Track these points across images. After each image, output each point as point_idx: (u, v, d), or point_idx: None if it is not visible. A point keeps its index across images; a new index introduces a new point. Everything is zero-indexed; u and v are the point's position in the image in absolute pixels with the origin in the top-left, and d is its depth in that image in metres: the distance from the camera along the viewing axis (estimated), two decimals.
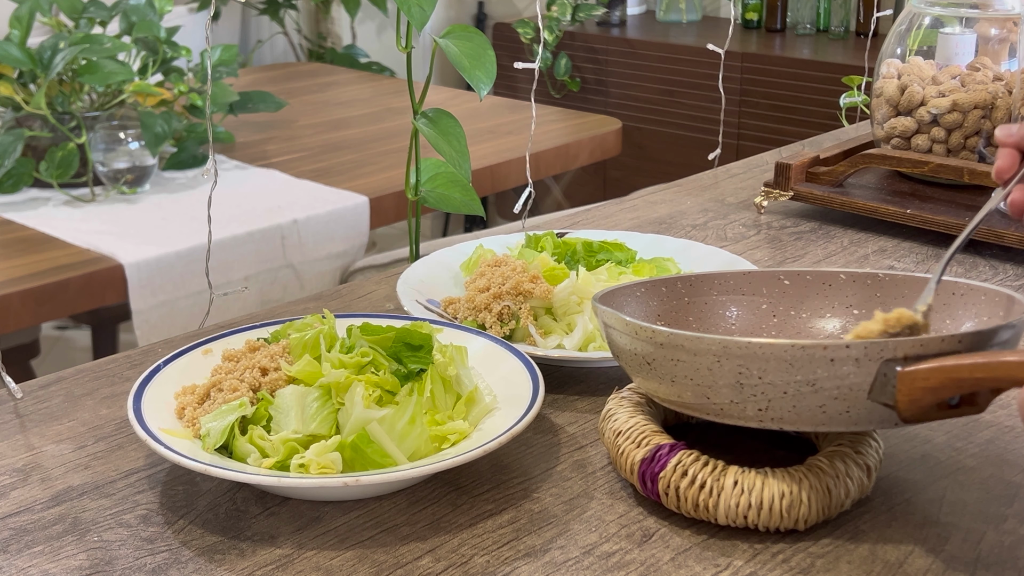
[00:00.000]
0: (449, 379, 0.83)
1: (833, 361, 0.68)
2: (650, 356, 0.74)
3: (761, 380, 0.70)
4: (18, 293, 1.68)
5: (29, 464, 0.83)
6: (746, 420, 0.73)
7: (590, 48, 3.71)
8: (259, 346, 0.87)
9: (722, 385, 0.71)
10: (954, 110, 1.29)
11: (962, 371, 0.66)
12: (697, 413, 0.75)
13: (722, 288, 0.90)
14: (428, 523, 0.75)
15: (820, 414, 0.71)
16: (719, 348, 0.70)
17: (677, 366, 0.73)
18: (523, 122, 2.56)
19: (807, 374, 0.69)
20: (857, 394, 0.69)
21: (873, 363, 0.68)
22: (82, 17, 2.17)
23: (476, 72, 1.08)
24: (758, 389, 0.70)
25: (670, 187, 1.47)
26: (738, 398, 0.71)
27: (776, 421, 0.72)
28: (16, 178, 2.02)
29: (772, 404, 0.71)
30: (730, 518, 0.73)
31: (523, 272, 0.99)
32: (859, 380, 0.69)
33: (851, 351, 0.68)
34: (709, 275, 0.91)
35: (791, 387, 0.70)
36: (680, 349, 0.72)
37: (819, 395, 0.70)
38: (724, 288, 0.90)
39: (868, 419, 0.71)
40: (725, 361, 0.70)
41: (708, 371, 0.71)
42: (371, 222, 2.07)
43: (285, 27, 3.92)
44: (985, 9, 1.33)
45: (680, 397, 0.75)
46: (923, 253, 1.23)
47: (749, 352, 0.69)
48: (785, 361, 0.69)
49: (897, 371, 0.67)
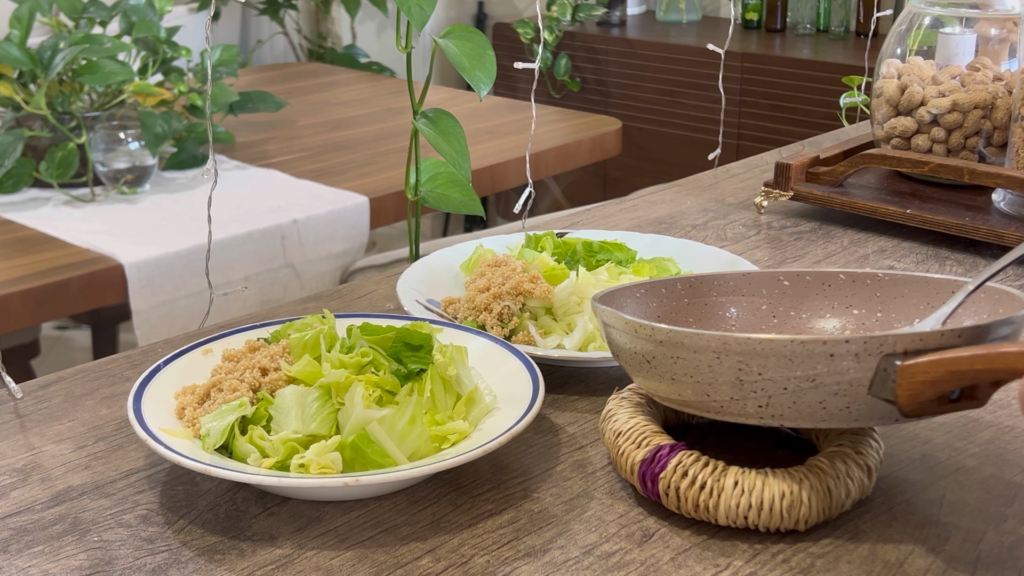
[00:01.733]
0: (449, 379, 0.83)
1: (833, 356, 0.68)
2: (650, 354, 0.74)
3: (761, 376, 0.70)
4: (18, 293, 1.68)
5: (29, 464, 0.83)
6: (746, 417, 0.73)
7: (590, 48, 3.71)
8: (259, 346, 0.87)
9: (722, 382, 0.71)
10: (954, 110, 1.29)
11: (962, 363, 0.66)
12: (697, 411, 0.75)
13: (722, 289, 0.90)
14: (428, 523, 0.75)
15: (820, 410, 0.71)
16: (719, 344, 0.70)
17: (677, 364, 0.73)
18: (523, 122, 2.56)
19: (807, 370, 0.69)
20: (857, 389, 0.69)
21: (873, 358, 0.68)
22: (82, 17, 2.17)
23: (476, 72, 1.08)
24: (758, 385, 0.70)
25: (670, 187, 1.47)
26: (738, 395, 0.71)
27: (776, 418, 0.72)
28: (16, 178, 2.02)
29: (772, 400, 0.71)
30: (730, 518, 0.73)
31: (523, 272, 0.99)
32: (859, 375, 0.69)
33: (850, 346, 0.68)
34: (709, 276, 0.91)
35: (791, 383, 0.70)
36: (680, 347, 0.72)
37: (819, 391, 0.70)
38: (724, 289, 0.90)
39: (868, 415, 0.71)
40: (725, 358, 0.70)
41: (708, 368, 0.71)
42: (371, 222, 2.07)
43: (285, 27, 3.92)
44: (985, 9, 1.33)
45: (680, 395, 0.75)
46: (923, 253, 1.23)
47: (749, 348, 0.69)
48: (785, 357, 0.69)
49: (897, 365, 0.67)
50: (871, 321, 0.87)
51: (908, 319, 0.85)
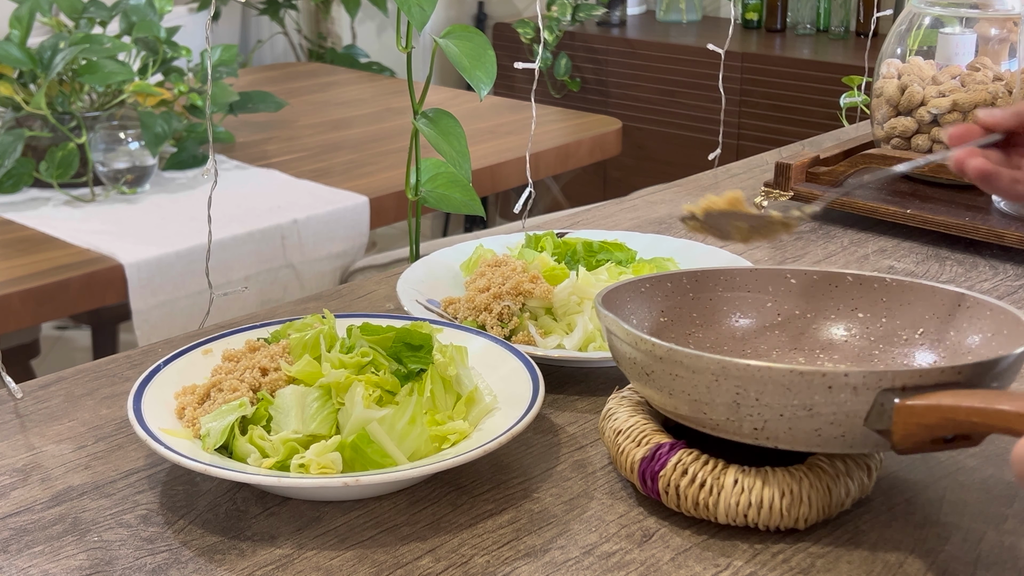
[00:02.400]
0: (449, 379, 0.83)
1: (831, 388, 0.68)
2: (649, 368, 0.74)
3: (758, 402, 0.70)
4: (18, 293, 1.68)
5: (29, 464, 0.83)
6: (741, 437, 0.73)
7: (590, 48, 3.71)
8: (259, 346, 0.87)
9: (719, 403, 0.71)
10: (954, 110, 1.29)
11: (959, 413, 0.65)
12: (693, 425, 0.75)
13: (727, 284, 0.90)
14: (428, 523, 0.75)
15: (815, 436, 0.71)
16: (717, 368, 0.70)
17: (675, 380, 0.73)
18: (523, 122, 2.56)
19: (804, 399, 0.69)
20: (853, 420, 0.69)
21: (871, 392, 0.68)
22: (82, 17, 2.17)
23: (476, 72, 1.08)
24: (755, 410, 0.70)
25: (670, 187, 1.47)
26: (734, 416, 0.71)
27: (771, 440, 0.72)
28: (16, 178, 2.02)
29: (768, 424, 0.71)
30: (730, 517, 0.73)
31: (523, 272, 0.99)
32: (856, 407, 0.69)
33: (849, 379, 0.68)
34: (715, 271, 0.90)
35: (788, 410, 0.70)
36: (679, 365, 0.72)
37: (815, 419, 0.70)
38: (729, 284, 0.90)
39: (863, 443, 0.71)
40: (723, 381, 0.70)
41: (706, 388, 0.71)
42: (371, 222, 2.07)
43: (285, 27, 3.92)
44: (985, 9, 1.33)
45: (676, 409, 0.75)
46: (923, 253, 1.23)
47: (747, 374, 0.69)
48: (783, 385, 0.69)
49: (895, 403, 0.67)
50: (875, 326, 0.87)
51: (913, 328, 0.85)
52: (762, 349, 0.88)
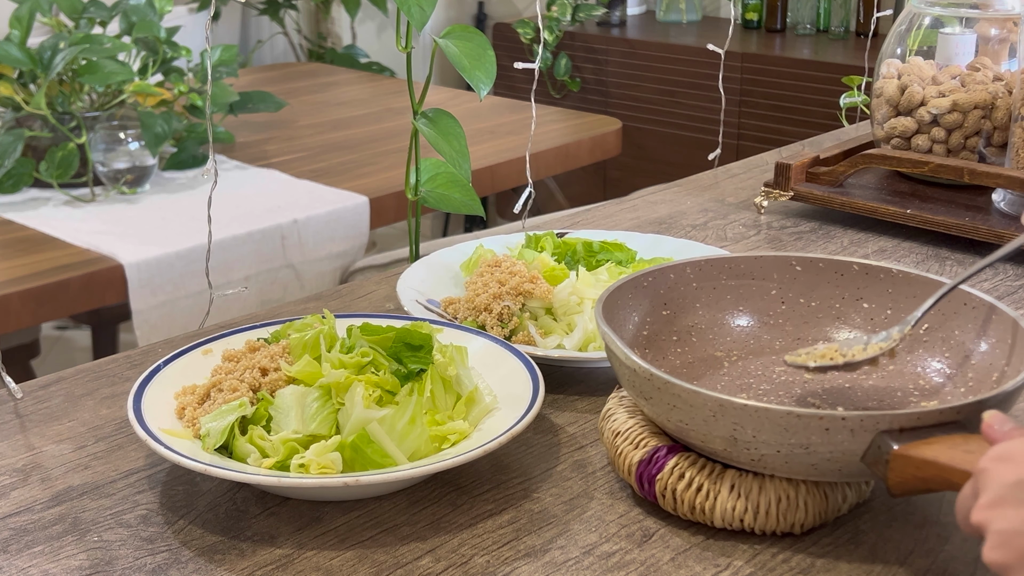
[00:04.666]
0: (449, 379, 0.83)
1: (828, 430, 0.68)
2: (647, 393, 0.74)
3: (755, 438, 0.70)
4: (18, 293, 1.68)
5: (29, 464, 0.83)
6: (738, 464, 0.73)
7: (590, 48, 3.71)
8: (259, 346, 0.87)
9: (716, 435, 0.71)
10: (954, 110, 1.29)
11: (955, 475, 0.65)
12: (690, 446, 0.75)
13: (732, 272, 0.89)
14: (428, 523, 0.75)
15: (812, 469, 0.71)
16: (715, 405, 0.70)
17: (673, 411, 0.73)
18: (523, 122, 2.56)
19: (801, 439, 0.69)
20: (850, 457, 0.69)
21: (868, 433, 0.68)
22: (82, 17, 2.17)
23: (476, 72, 1.08)
24: (752, 445, 0.70)
25: (670, 187, 1.47)
26: (732, 448, 0.71)
27: (768, 470, 0.72)
28: (16, 178, 2.01)
29: (765, 458, 0.71)
30: (726, 521, 0.73)
31: (523, 272, 0.99)
32: (853, 447, 0.69)
33: (847, 423, 0.68)
34: (719, 259, 0.90)
35: (784, 448, 0.70)
36: (677, 397, 0.72)
37: (812, 456, 0.70)
38: (734, 272, 0.89)
39: (859, 474, 0.71)
40: (721, 417, 0.70)
41: (703, 422, 0.71)
42: (371, 222, 2.07)
43: (285, 27, 3.92)
44: (985, 9, 1.33)
45: (674, 430, 0.75)
46: (923, 253, 1.23)
47: (745, 413, 0.69)
48: (780, 426, 0.69)
49: (892, 450, 0.67)
50: (880, 318, 0.86)
51: (918, 323, 0.84)
52: (765, 340, 0.88)
